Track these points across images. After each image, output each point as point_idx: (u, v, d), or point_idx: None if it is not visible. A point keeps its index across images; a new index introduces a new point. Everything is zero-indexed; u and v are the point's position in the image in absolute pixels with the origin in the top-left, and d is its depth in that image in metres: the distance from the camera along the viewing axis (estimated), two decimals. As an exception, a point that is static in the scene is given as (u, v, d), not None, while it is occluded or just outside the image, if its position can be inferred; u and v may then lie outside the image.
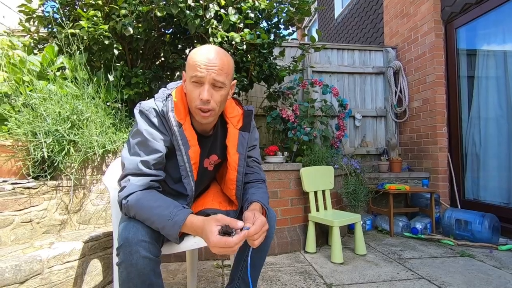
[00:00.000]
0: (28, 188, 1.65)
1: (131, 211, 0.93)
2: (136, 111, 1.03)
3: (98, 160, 1.93)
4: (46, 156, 1.75)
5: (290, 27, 2.75)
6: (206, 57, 0.95)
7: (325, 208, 2.53)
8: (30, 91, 1.88)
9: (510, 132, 2.73)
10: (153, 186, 0.99)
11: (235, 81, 1.07)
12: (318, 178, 2.50)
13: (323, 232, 2.59)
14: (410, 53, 3.72)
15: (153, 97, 1.06)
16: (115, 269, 1.17)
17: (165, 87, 1.11)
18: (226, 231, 0.84)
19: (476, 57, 3.11)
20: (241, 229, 0.86)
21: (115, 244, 1.20)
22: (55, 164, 1.80)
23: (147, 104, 1.02)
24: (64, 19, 2.35)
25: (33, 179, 1.76)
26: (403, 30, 3.86)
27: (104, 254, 1.65)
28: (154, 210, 0.90)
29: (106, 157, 1.96)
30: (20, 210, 1.59)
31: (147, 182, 0.96)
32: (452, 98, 3.27)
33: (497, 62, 2.91)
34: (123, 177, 0.98)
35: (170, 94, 1.03)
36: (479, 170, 3.04)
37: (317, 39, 2.70)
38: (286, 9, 2.49)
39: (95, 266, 1.58)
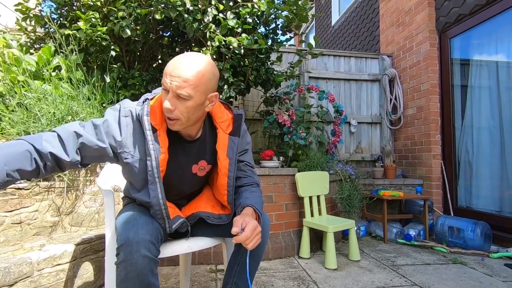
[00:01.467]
0: (20, 189, 1.62)
1: None
2: (117, 104, 1.04)
3: (92, 161, 1.91)
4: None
5: (287, 32, 2.78)
6: (173, 66, 0.93)
7: (320, 213, 2.53)
8: (25, 91, 1.86)
9: (502, 142, 2.78)
10: (45, 153, 0.90)
11: (215, 93, 1.03)
12: (313, 184, 2.51)
13: (317, 238, 2.59)
14: (405, 61, 3.77)
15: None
16: (107, 272, 1.16)
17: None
18: None
19: (469, 66, 3.16)
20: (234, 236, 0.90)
21: (108, 245, 1.18)
22: (48, 165, 1.78)
23: (128, 105, 1.03)
24: (61, 19, 2.34)
25: (25, 180, 1.74)
26: (398, 39, 3.92)
27: (96, 257, 1.63)
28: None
29: (101, 159, 1.94)
30: (11, 211, 1.57)
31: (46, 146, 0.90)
32: (445, 106, 3.32)
33: (489, 72, 2.97)
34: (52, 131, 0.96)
35: (147, 98, 1.02)
36: (472, 178, 3.07)
37: (314, 46, 2.72)
38: (284, 13, 2.51)
39: (86, 269, 1.55)
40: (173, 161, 1.07)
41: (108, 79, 2.27)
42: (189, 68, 0.93)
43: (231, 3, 2.32)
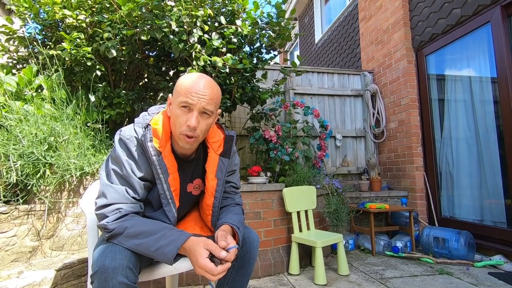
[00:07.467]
0: (-2, 213, 1.57)
1: (123, 237, 0.93)
2: (116, 137, 1.02)
3: (75, 182, 1.87)
4: (17, 180, 1.68)
5: (271, 51, 2.87)
6: (197, 85, 0.97)
7: (308, 228, 2.54)
8: (5, 112, 1.83)
9: (479, 152, 2.90)
10: (139, 211, 1.01)
11: (220, 110, 1.09)
12: (300, 198, 2.52)
13: (306, 253, 2.58)
14: (386, 77, 3.93)
15: (133, 121, 1.05)
16: (89, 299, 1.12)
17: (147, 110, 1.11)
18: (211, 258, 0.90)
19: (445, 81, 3.33)
20: (227, 250, 0.91)
21: (90, 271, 1.15)
22: (29, 188, 1.73)
23: (128, 132, 1.01)
24: (46, 40, 2.34)
25: (3, 204, 1.68)
26: (378, 56, 4.10)
27: (78, 283, 1.56)
28: (153, 235, 0.92)
29: (84, 179, 1.90)
30: (-13, 237, 1.50)
31: (136, 206, 1.00)
32: (425, 119, 3.46)
33: (463, 87, 3.13)
34: (107, 205, 0.96)
35: (148, 124, 1.02)
36: (453, 188, 3.17)
37: (298, 64, 2.81)
38: (267, 34, 2.60)
39: (67, 296, 1.49)
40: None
41: (93, 99, 2.25)
42: (211, 86, 1.00)
43: (216, 24, 2.39)
